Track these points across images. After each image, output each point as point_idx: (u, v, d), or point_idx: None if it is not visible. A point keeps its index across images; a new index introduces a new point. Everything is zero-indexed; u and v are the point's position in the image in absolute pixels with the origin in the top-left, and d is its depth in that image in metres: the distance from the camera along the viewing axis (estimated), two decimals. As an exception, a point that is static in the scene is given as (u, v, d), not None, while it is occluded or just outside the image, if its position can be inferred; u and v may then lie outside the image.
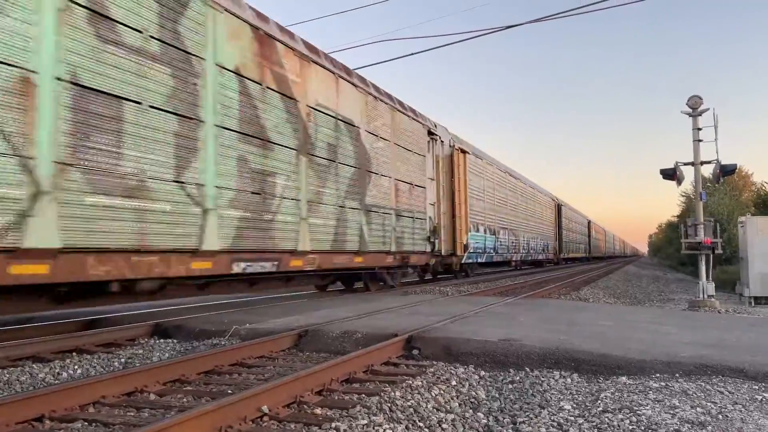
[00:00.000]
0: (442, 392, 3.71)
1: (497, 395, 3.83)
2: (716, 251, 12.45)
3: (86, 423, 3.02)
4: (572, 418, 3.18)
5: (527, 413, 3.37)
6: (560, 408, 3.39)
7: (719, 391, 3.57)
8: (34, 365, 4.42)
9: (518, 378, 4.18)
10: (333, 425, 2.95)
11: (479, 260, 16.66)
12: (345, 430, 2.91)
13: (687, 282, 25.54)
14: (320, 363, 4.09)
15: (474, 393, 3.83)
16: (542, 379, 4.07)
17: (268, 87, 7.27)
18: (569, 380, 4.05)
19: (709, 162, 12.64)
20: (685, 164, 12.81)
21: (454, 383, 3.96)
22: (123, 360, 4.73)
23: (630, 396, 3.50)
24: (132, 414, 3.22)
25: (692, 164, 12.75)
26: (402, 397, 3.49)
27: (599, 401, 3.44)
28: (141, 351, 5.06)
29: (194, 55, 6.08)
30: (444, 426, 3.14)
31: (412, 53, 14.76)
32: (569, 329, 5.55)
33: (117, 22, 5.21)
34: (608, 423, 3.04)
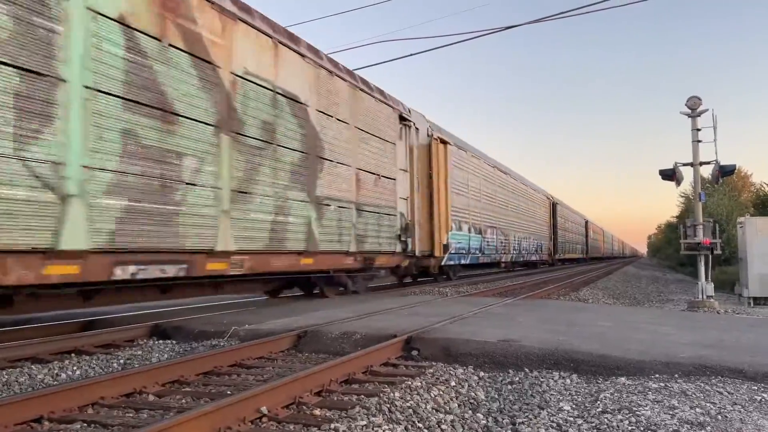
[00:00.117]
0: (442, 393, 3.71)
1: (496, 396, 3.83)
2: (715, 252, 12.49)
3: (85, 424, 3.02)
4: (571, 419, 3.19)
5: (526, 414, 3.37)
6: (559, 409, 3.40)
7: (718, 392, 3.58)
8: (33, 366, 4.41)
9: (517, 379, 4.18)
10: (332, 426, 2.94)
11: (462, 262, 15.22)
12: (344, 431, 2.91)
13: (686, 282, 25.55)
14: (319, 364, 4.09)
15: (473, 394, 3.83)
16: (541, 380, 4.07)
17: (172, 45, 5.91)
18: (568, 381, 4.05)
19: (708, 162, 12.69)
20: (684, 165, 12.85)
21: (454, 384, 3.96)
22: (122, 361, 4.72)
23: (629, 396, 3.50)
24: (131, 415, 3.21)
25: (691, 165, 12.79)
26: (401, 398, 3.49)
27: (598, 402, 3.45)
28: (140, 352, 5.06)
29: None
30: (443, 427, 3.14)
31: (412, 54, 14.83)
32: (568, 330, 5.55)
33: None
34: (607, 423, 3.04)
